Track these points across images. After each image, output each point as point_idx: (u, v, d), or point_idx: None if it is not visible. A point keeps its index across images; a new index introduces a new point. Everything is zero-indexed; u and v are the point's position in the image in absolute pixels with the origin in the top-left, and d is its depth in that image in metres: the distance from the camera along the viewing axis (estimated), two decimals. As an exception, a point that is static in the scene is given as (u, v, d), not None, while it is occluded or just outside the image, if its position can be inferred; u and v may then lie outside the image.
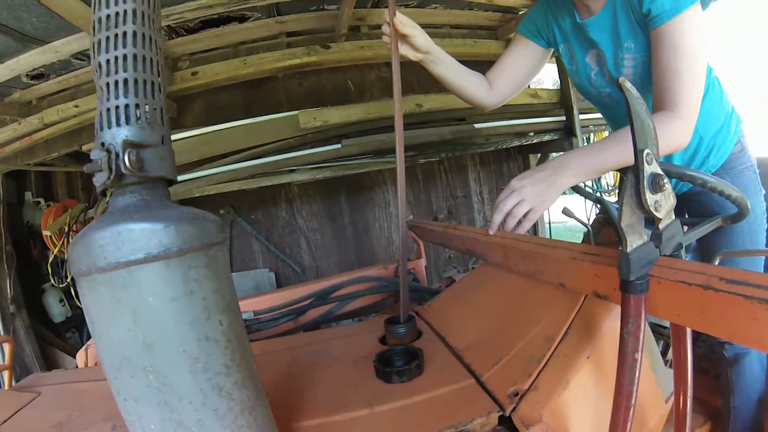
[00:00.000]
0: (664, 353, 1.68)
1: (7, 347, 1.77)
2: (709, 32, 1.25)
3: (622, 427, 0.71)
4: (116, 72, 0.59)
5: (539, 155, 4.32)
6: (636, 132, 0.66)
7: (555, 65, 3.92)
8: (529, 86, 4.38)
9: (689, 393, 0.87)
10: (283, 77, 3.59)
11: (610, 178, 5.52)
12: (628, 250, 0.68)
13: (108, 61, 0.59)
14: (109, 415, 1.01)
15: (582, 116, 3.95)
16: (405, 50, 1.50)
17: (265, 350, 1.29)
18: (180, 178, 2.99)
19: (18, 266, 3.99)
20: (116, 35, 0.59)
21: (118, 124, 0.59)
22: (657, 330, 1.59)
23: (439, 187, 4.19)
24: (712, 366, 1.71)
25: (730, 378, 1.55)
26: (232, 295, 0.63)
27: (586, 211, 4.47)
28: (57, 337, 4.42)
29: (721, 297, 0.58)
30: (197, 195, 3.09)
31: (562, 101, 3.98)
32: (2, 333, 3.71)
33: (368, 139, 3.25)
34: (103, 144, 0.58)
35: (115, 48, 0.59)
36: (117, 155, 0.56)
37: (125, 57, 0.59)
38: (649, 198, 0.67)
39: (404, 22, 1.44)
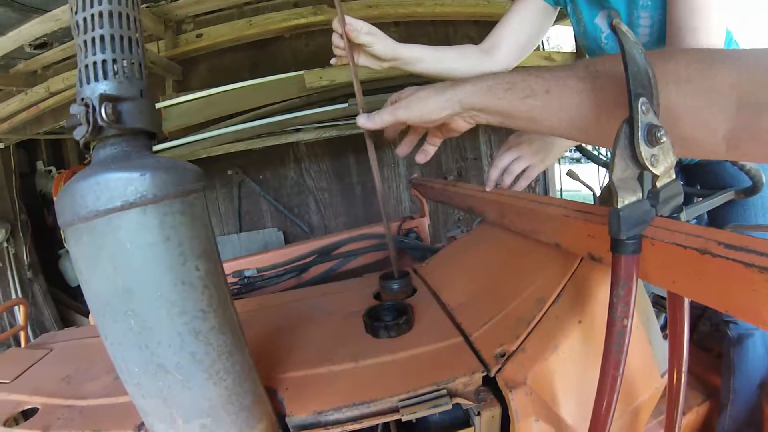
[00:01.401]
0: (665, 327, 1.67)
1: (22, 309, 1.83)
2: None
3: (608, 396, 0.68)
4: (93, 29, 0.60)
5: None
6: (631, 77, 0.60)
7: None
8: (543, 48, 4.32)
9: (684, 368, 0.82)
10: (290, 37, 3.57)
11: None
12: (619, 206, 0.62)
13: (85, 19, 0.60)
14: (112, 367, 1.04)
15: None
16: (365, 60, 1.32)
17: (261, 305, 1.32)
18: (185, 140, 3.03)
19: (33, 234, 4.11)
20: (92, -7, 0.60)
21: (96, 80, 0.60)
22: (659, 302, 1.57)
23: (449, 149, 4.16)
24: (715, 345, 1.68)
25: (732, 358, 1.50)
26: (210, 241, 0.64)
27: (599, 177, 4.40)
28: (74, 300, 4.54)
29: (718, 263, 0.52)
30: (204, 156, 3.11)
31: None
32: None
33: (374, 98, 3.18)
34: (82, 99, 0.59)
35: (92, 6, 0.60)
36: (94, 108, 0.57)
37: (101, 14, 0.60)
38: (645, 151, 0.60)
39: (359, 28, 1.23)
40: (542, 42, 4.27)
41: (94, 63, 0.59)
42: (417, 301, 1.15)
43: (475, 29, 3.98)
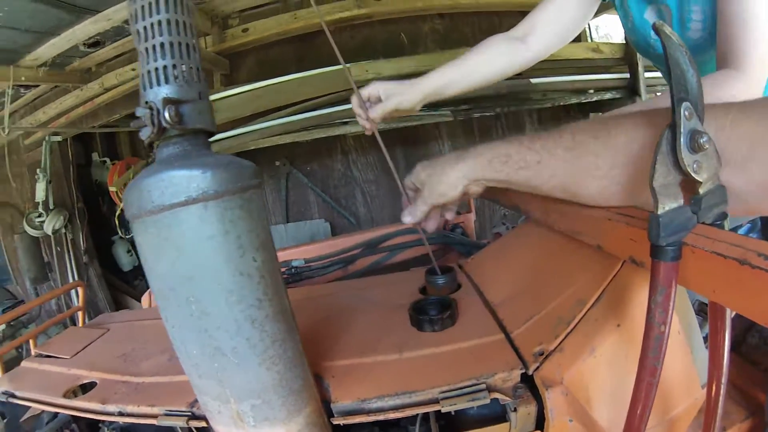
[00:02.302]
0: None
1: (80, 291, 1.93)
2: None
3: (642, 403, 0.67)
4: (153, 37, 0.64)
5: (600, 114, 4.14)
6: (674, 82, 0.59)
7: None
8: (590, 39, 4.20)
9: (723, 380, 0.78)
10: (334, 30, 3.56)
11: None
12: (659, 212, 0.61)
13: (145, 27, 0.64)
14: (166, 348, 1.11)
15: (647, 74, 3.64)
16: (397, 114, 1.35)
17: (308, 295, 1.35)
18: (234, 132, 3.10)
19: (89, 221, 4.32)
20: (150, 3, 0.64)
21: (159, 84, 0.64)
22: (704, 310, 1.47)
23: (495, 144, 4.09)
24: (764, 359, 1.61)
25: None
26: (267, 234, 0.69)
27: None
28: (126, 284, 4.75)
29: (757, 274, 0.51)
30: (252, 148, 3.18)
31: (626, 57, 3.72)
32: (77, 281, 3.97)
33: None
34: (146, 102, 0.63)
35: (151, 15, 0.64)
36: (158, 111, 0.62)
37: (160, 23, 0.64)
38: (687, 157, 0.58)
39: (378, 94, 1.30)
40: (590, 32, 4.16)
41: (156, 69, 0.64)
42: (461, 297, 1.15)
43: (521, 19, 3.86)
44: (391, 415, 0.79)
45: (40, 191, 3.84)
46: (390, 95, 1.29)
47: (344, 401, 0.82)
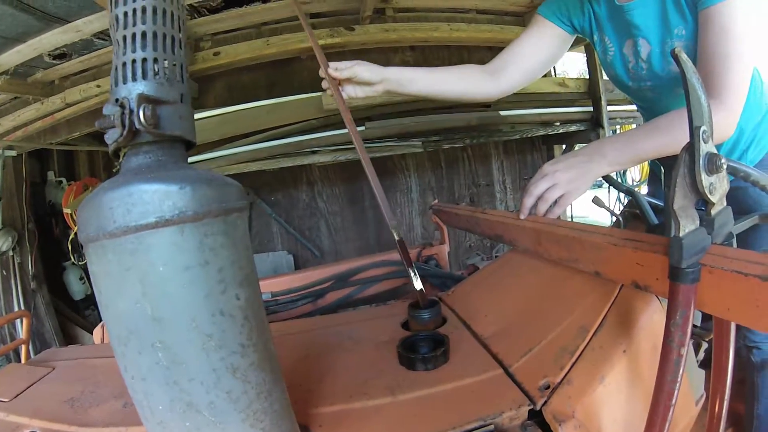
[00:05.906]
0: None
1: (24, 321, 1.76)
2: (760, 19, 1.19)
3: (659, 427, 0.66)
4: (134, 24, 0.55)
5: (564, 146, 4.24)
6: (692, 107, 0.61)
7: (584, 54, 3.81)
8: (555, 74, 4.32)
9: (726, 396, 0.82)
10: (307, 58, 3.55)
11: (636, 173, 5.42)
12: (681, 234, 0.62)
13: (126, 13, 0.55)
14: (121, 392, 1.00)
15: (610, 107, 3.83)
16: (357, 91, 1.43)
17: (282, 332, 1.26)
18: (200, 157, 3.01)
19: (40, 244, 4.10)
20: (134, -14, 0.55)
21: (134, 79, 0.54)
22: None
23: (461, 175, 4.14)
24: (737, 371, 1.66)
25: (756, 384, 1.47)
26: (251, 267, 0.58)
27: (610, 204, 4.38)
28: (76, 314, 4.55)
29: None
30: (218, 175, 3.07)
31: (590, 91, 3.85)
32: (23, 308, 3.77)
33: (392, 122, 3.23)
34: (117, 100, 0.53)
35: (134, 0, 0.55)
36: (131, 110, 0.52)
37: (144, 9, 0.55)
38: (704, 179, 0.61)
39: (340, 67, 1.38)
40: (555, 67, 4.29)
41: (133, 61, 0.54)
42: (448, 331, 1.11)
43: (489, 54, 3.88)
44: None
45: (-12, 208, 3.63)
46: (355, 64, 1.39)
47: (336, 454, 0.75)
